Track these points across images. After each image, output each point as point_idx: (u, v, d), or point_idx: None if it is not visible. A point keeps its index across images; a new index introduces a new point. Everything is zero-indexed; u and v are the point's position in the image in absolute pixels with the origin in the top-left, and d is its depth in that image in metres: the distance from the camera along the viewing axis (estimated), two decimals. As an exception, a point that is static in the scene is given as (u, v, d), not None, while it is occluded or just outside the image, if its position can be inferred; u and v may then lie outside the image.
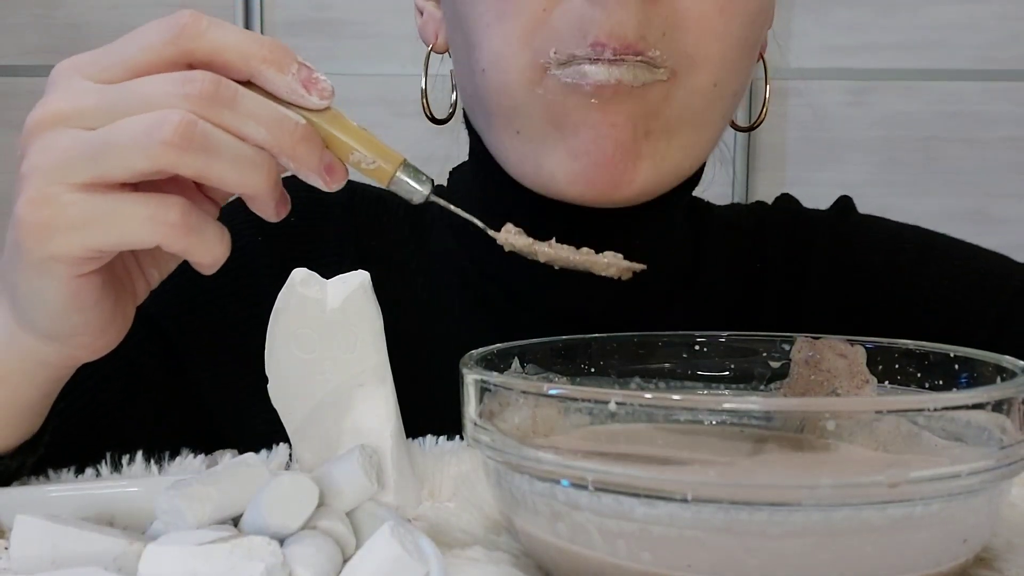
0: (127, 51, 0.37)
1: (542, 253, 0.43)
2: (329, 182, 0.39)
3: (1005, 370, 0.36)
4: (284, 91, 0.38)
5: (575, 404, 0.37)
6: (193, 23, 0.37)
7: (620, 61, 0.48)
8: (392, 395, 0.43)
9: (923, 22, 1.79)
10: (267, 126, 0.37)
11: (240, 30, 0.37)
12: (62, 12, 1.84)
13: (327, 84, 0.38)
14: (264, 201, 0.38)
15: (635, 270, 0.44)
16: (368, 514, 0.36)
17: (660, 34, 0.48)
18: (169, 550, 0.30)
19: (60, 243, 0.36)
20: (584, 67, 0.48)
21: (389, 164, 0.40)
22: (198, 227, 0.37)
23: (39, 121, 0.37)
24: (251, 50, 0.37)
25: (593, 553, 0.31)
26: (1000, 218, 1.83)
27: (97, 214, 0.36)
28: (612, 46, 0.47)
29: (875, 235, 0.66)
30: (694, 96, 0.50)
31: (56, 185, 0.36)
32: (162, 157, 0.35)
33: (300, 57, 0.38)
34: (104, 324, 0.40)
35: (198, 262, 0.38)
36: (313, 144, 0.38)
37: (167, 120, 0.35)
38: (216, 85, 0.36)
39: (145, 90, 0.36)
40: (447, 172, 0.67)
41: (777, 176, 1.83)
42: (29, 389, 0.43)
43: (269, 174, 0.37)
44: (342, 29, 1.84)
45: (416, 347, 0.60)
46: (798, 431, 0.39)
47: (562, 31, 0.48)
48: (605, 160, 0.50)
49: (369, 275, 0.42)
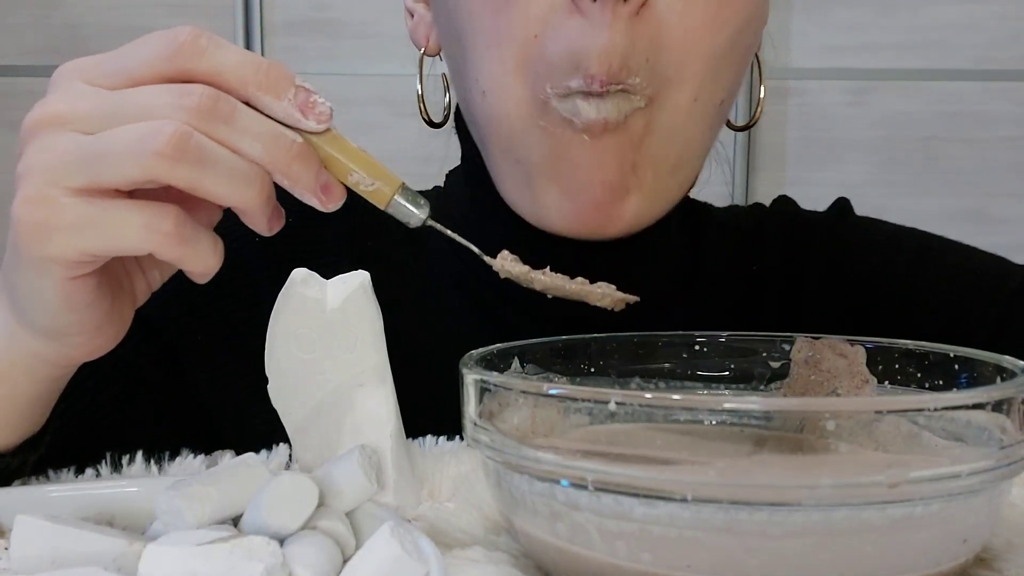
0: (128, 61, 0.37)
1: (538, 281, 0.43)
2: (325, 202, 0.39)
3: (1005, 370, 0.36)
4: (281, 116, 0.38)
5: (575, 404, 0.37)
6: (192, 42, 0.37)
7: (605, 94, 0.48)
8: (392, 395, 0.43)
9: (923, 22, 1.79)
10: (263, 142, 0.37)
11: (239, 51, 0.38)
12: (62, 12, 1.84)
13: (325, 107, 0.38)
14: (256, 216, 0.38)
15: (629, 302, 0.44)
16: (368, 514, 0.36)
17: (643, 60, 0.48)
18: (169, 550, 0.30)
19: (55, 244, 0.36)
20: (578, 103, 0.49)
21: (388, 187, 0.40)
22: (191, 237, 0.37)
23: (38, 121, 0.37)
24: (247, 75, 0.37)
25: (593, 553, 0.31)
26: (1000, 218, 1.83)
27: (92, 219, 0.36)
28: (600, 77, 0.47)
29: (873, 237, 0.66)
30: (675, 114, 0.51)
31: (53, 187, 0.36)
32: (154, 167, 0.35)
33: (298, 79, 0.38)
34: (99, 324, 0.40)
35: (190, 271, 0.39)
36: (309, 163, 0.38)
37: (161, 131, 0.35)
38: (214, 99, 0.36)
39: (144, 99, 0.36)
40: (444, 173, 0.67)
41: (777, 176, 1.83)
42: (29, 385, 0.43)
43: (262, 189, 0.38)
44: (342, 29, 1.84)
45: (415, 347, 0.60)
46: (798, 431, 0.39)
47: (555, 61, 0.49)
48: (595, 201, 0.51)
49: (369, 275, 0.42)
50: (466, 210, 0.61)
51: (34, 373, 0.43)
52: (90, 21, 1.82)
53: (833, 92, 1.82)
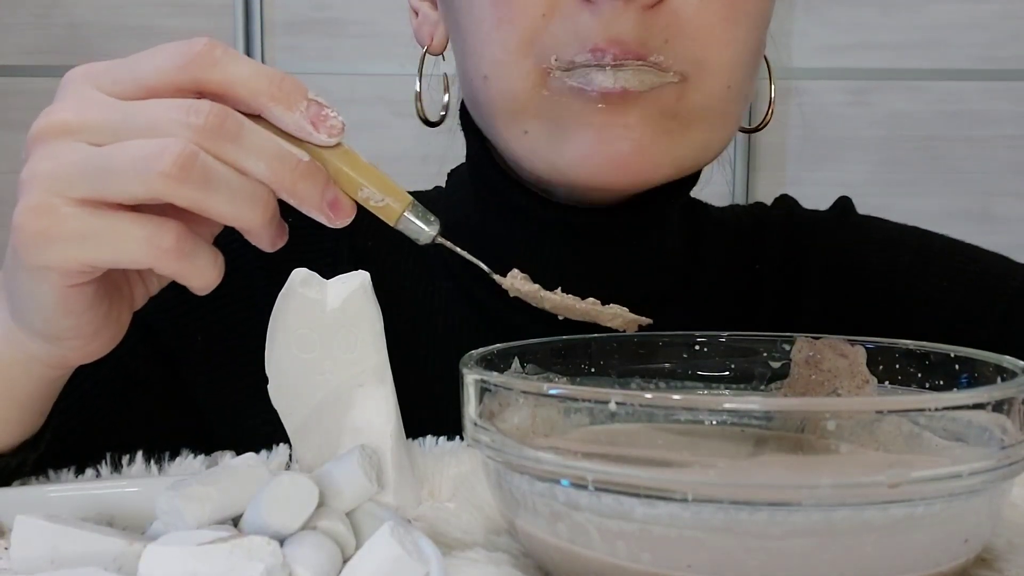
0: (141, 69, 0.37)
1: (548, 300, 0.43)
2: (333, 219, 0.39)
3: (1005, 370, 0.36)
4: (292, 129, 0.38)
5: (575, 404, 0.37)
6: (206, 53, 0.37)
7: (622, 66, 0.47)
8: (392, 395, 0.43)
9: (924, 21, 1.79)
10: (268, 162, 0.37)
11: (253, 64, 0.37)
12: (62, 12, 1.84)
13: (337, 121, 0.38)
14: (259, 235, 0.39)
15: (641, 324, 0.44)
16: (368, 514, 0.36)
17: (662, 41, 0.48)
18: (169, 550, 0.30)
19: (55, 254, 0.36)
20: (590, 73, 0.47)
21: (398, 203, 0.40)
22: (191, 252, 0.37)
23: (45, 128, 0.37)
24: (260, 87, 0.37)
25: (593, 554, 0.31)
26: (1001, 218, 1.83)
27: (93, 231, 0.36)
28: (612, 51, 0.47)
29: (874, 236, 0.66)
30: (710, 99, 0.50)
31: (56, 196, 0.36)
32: (159, 187, 0.35)
33: (312, 93, 0.38)
34: (96, 329, 0.41)
35: (190, 286, 0.39)
36: (315, 181, 0.38)
37: (167, 150, 0.35)
38: (222, 118, 0.36)
39: (152, 114, 0.36)
40: (445, 173, 0.67)
41: (777, 176, 1.83)
42: (27, 385, 0.43)
43: (266, 209, 0.37)
44: (342, 29, 1.84)
45: (415, 347, 0.60)
46: (798, 431, 0.39)
47: (561, 38, 0.48)
48: (621, 159, 0.49)
49: (369, 275, 0.42)
50: (469, 208, 0.61)
51: (31, 373, 0.43)
52: (90, 21, 1.83)
53: (834, 92, 1.82)
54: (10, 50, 1.86)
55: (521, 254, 0.57)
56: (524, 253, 0.56)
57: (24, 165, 0.37)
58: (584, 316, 0.43)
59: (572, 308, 0.43)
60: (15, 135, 1.84)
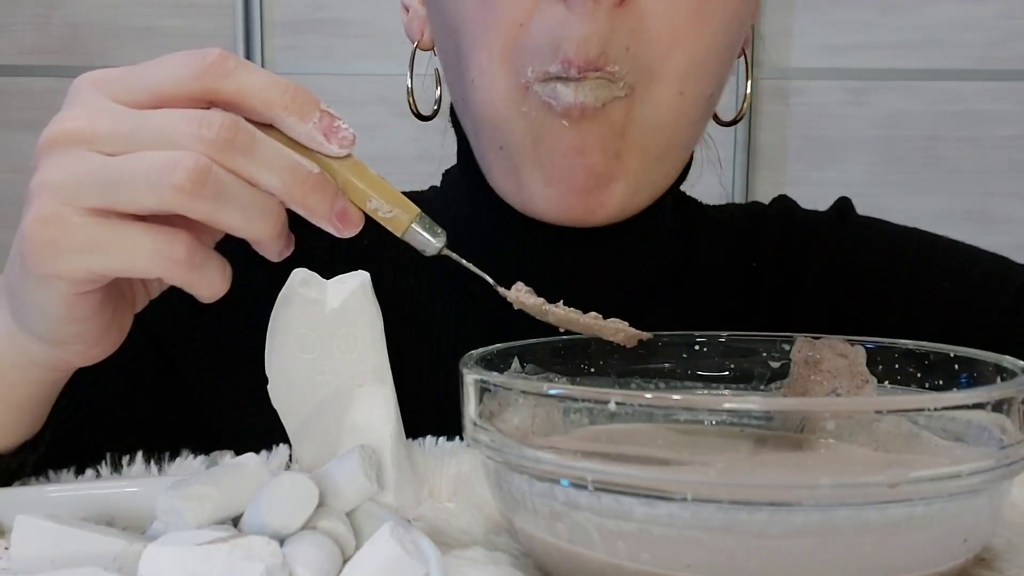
0: (153, 78, 0.37)
1: (552, 314, 0.43)
2: (342, 230, 0.39)
3: (1005, 370, 0.36)
4: (304, 139, 0.38)
5: (575, 404, 0.37)
6: (220, 63, 0.37)
7: (583, 80, 0.48)
8: (392, 395, 0.43)
9: (923, 21, 1.79)
10: (280, 175, 0.37)
11: (266, 74, 0.37)
12: (62, 12, 1.84)
13: (348, 132, 0.38)
14: (269, 246, 0.39)
15: (642, 338, 0.44)
16: (368, 514, 0.36)
17: (623, 49, 0.49)
18: (169, 550, 0.30)
19: (64, 264, 0.36)
20: (557, 87, 0.49)
21: (406, 215, 0.40)
22: (201, 263, 0.37)
23: (55, 136, 0.37)
24: (274, 97, 0.37)
25: (593, 553, 0.31)
26: (1001, 217, 1.83)
27: (103, 241, 0.36)
28: (577, 64, 0.48)
29: (874, 237, 0.65)
30: (659, 109, 0.51)
31: (66, 206, 0.36)
32: (171, 200, 0.35)
33: (324, 104, 0.38)
34: (100, 334, 0.41)
35: (197, 294, 0.38)
36: (324, 193, 0.38)
37: (181, 164, 0.35)
38: (234, 131, 0.36)
39: (164, 124, 0.36)
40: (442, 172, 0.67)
41: (777, 176, 1.83)
42: (27, 386, 0.43)
43: (276, 222, 0.38)
44: (342, 29, 1.84)
45: (415, 347, 0.60)
46: (798, 431, 0.39)
47: (537, 47, 0.49)
48: (578, 187, 0.51)
49: (369, 275, 0.42)
50: (463, 207, 0.61)
51: (30, 375, 0.42)
52: (90, 21, 1.82)
53: (833, 92, 1.81)
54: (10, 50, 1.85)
55: (514, 249, 0.57)
56: (517, 250, 0.57)
57: (33, 173, 0.37)
58: (586, 330, 0.44)
59: (575, 322, 0.43)
60: (15, 135, 1.84)
